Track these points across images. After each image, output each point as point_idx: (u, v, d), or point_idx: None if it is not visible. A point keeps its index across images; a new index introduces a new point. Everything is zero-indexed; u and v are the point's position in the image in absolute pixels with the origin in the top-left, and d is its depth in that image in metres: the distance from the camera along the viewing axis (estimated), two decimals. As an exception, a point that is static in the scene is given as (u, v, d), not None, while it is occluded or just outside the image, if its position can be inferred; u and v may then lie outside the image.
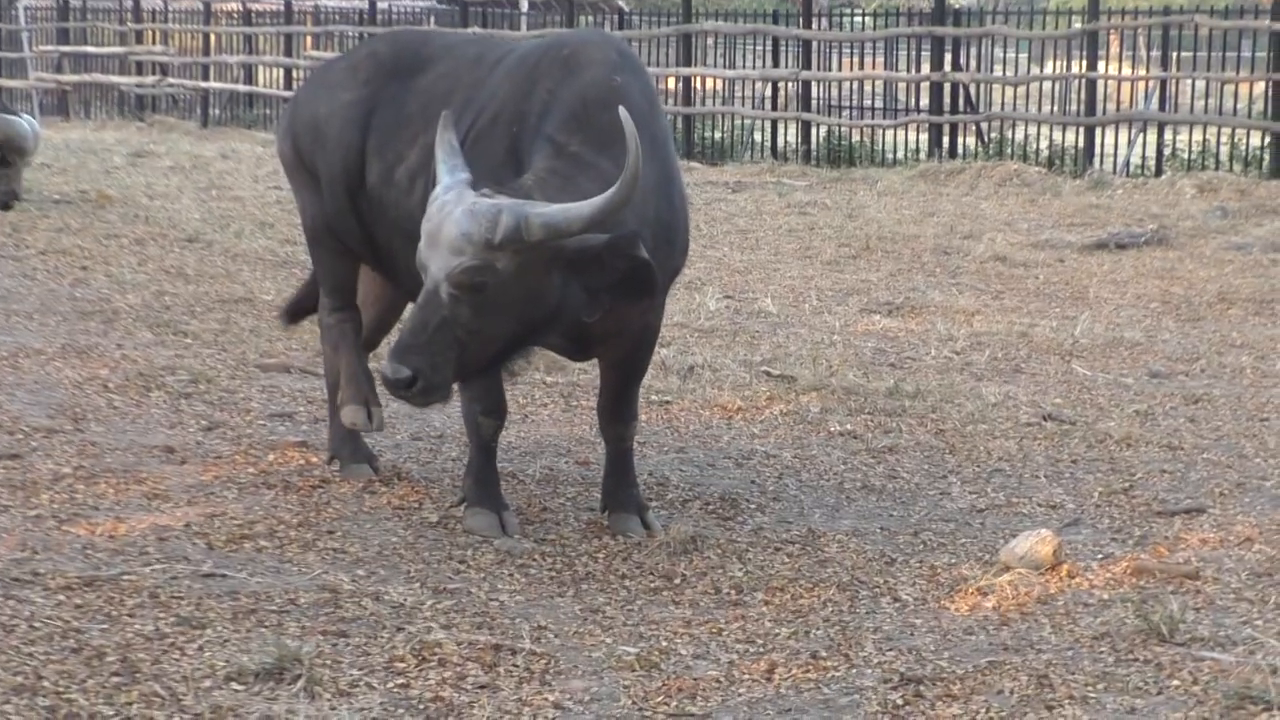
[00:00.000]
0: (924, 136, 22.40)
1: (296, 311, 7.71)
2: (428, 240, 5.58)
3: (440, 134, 5.85)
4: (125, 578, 5.40)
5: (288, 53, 28.20)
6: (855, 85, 24.77)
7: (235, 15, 30.79)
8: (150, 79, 30.12)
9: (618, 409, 6.47)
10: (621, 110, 5.51)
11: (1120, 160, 20.88)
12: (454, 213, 5.51)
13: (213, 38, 30.05)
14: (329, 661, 4.83)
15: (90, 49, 31.59)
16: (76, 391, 8.17)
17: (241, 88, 29.02)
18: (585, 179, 5.73)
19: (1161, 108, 21.14)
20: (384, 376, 5.59)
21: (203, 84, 29.38)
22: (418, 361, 5.50)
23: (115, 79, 30.79)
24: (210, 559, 5.70)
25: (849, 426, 8.11)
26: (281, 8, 29.19)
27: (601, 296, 5.61)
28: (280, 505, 6.47)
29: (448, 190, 5.62)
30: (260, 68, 29.15)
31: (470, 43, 6.99)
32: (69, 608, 5.12)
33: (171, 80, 29.87)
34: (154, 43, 30.95)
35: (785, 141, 23.42)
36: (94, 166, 19.83)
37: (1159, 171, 20.00)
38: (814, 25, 23.65)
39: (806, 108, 23.07)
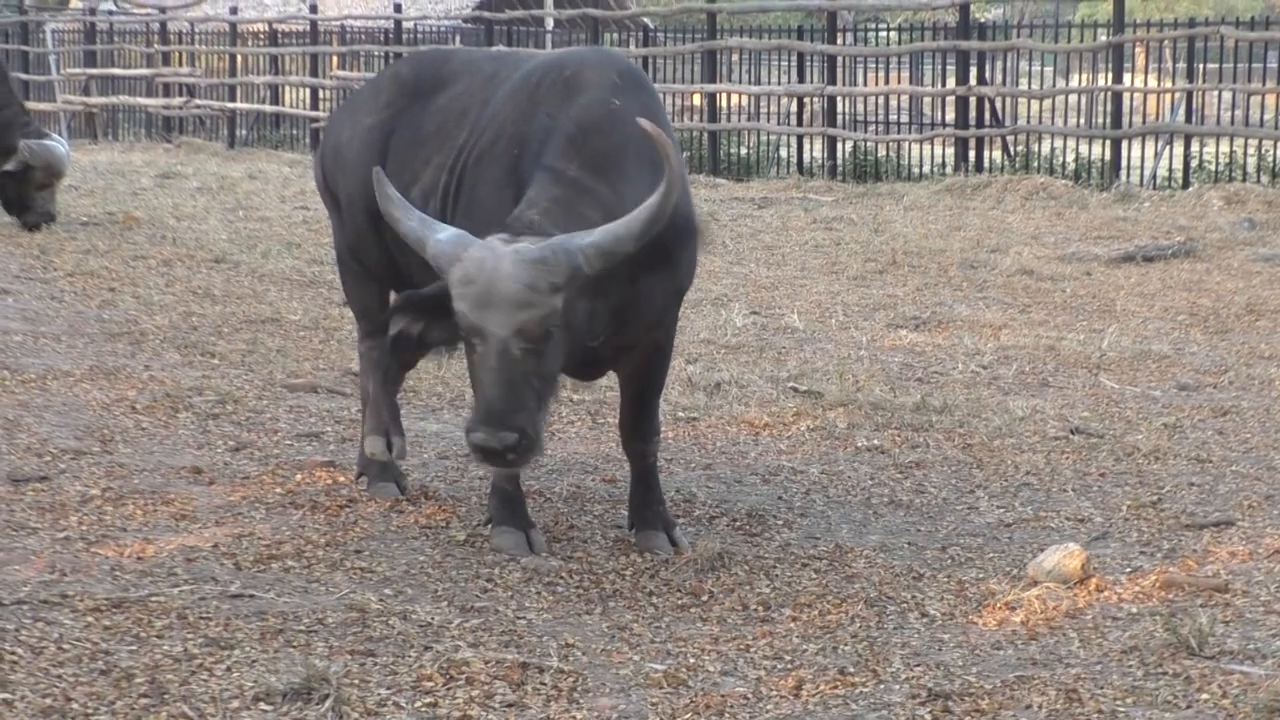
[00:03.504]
0: (950, 151, 22.36)
1: None
2: (478, 302, 5.34)
3: (379, 190, 5.73)
4: (153, 599, 5.41)
5: (314, 73, 28.27)
6: (881, 100, 24.76)
7: (261, 36, 30.90)
8: (177, 100, 30.23)
9: (637, 425, 6.47)
10: (645, 123, 5.51)
11: (1147, 172, 20.81)
12: (502, 267, 5.33)
13: (239, 59, 30.12)
14: (357, 681, 4.84)
15: (117, 71, 31.71)
16: (104, 413, 8.19)
17: (268, 108, 29.10)
18: (583, 204, 5.70)
19: (1188, 119, 21.06)
20: (483, 449, 5.35)
21: (229, 105, 29.46)
22: (522, 421, 5.33)
23: (142, 101, 30.91)
24: (238, 579, 5.71)
25: (876, 442, 8.10)
26: (307, 28, 29.28)
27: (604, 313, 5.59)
28: (308, 525, 6.48)
29: (461, 245, 5.42)
30: (286, 88, 29.20)
31: (489, 59, 6.95)
32: (97, 629, 5.13)
33: (198, 101, 29.97)
34: (181, 64, 31.06)
35: (811, 157, 23.39)
36: (121, 188, 19.88)
37: (1186, 183, 19.93)
38: (839, 40, 23.62)
39: (832, 123, 23.05)
